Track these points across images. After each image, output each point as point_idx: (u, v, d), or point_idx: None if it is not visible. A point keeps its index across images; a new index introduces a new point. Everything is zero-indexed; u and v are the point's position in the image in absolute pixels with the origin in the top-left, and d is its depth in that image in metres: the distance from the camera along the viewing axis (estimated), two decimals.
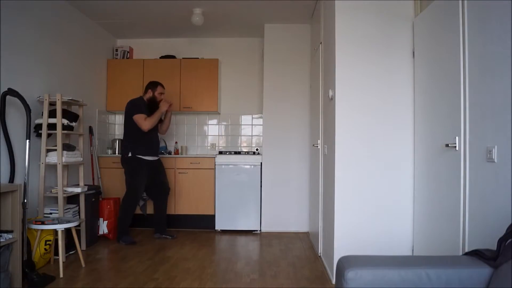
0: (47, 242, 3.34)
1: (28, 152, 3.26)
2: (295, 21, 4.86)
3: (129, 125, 4.26)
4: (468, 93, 2.21)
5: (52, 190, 3.65)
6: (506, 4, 1.83)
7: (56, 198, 3.62)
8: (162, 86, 4.46)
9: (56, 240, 3.40)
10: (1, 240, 2.62)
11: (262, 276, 3.23)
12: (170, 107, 4.41)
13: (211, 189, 4.91)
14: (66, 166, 3.75)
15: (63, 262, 3.20)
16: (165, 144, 5.35)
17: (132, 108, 4.23)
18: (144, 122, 4.15)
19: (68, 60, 4.28)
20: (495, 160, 1.92)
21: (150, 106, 4.31)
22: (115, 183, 4.89)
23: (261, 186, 4.88)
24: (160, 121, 4.48)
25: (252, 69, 5.52)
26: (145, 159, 4.27)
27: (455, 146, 2.32)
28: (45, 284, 2.92)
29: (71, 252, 3.72)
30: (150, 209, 4.84)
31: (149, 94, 4.37)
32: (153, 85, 4.41)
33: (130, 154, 4.22)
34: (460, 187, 2.26)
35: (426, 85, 2.85)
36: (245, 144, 5.59)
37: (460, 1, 2.29)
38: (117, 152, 5.18)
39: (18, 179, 3.33)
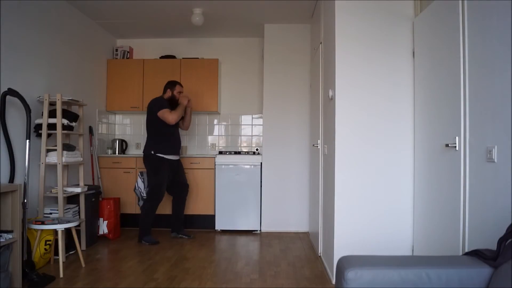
0: (47, 242, 3.34)
1: (28, 152, 3.26)
2: (295, 21, 4.86)
3: (153, 123, 4.30)
4: (468, 93, 2.21)
5: (52, 190, 3.65)
6: (506, 4, 1.83)
7: (56, 198, 3.63)
8: (180, 85, 4.51)
9: (56, 240, 3.41)
10: (1, 240, 2.62)
11: (262, 276, 3.23)
12: (189, 103, 4.47)
13: (211, 189, 4.90)
14: (66, 166, 3.75)
15: (63, 262, 3.20)
16: None
17: (156, 105, 4.28)
18: (170, 115, 4.21)
19: (68, 60, 4.28)
20: (495, 160, 1.92)
21: (171, 105, 4.34)
22: (115, 183, 4.90)
23: (261, 186, 4.88)
24: (181, 118, 4.53)
25: (252, 69, 5.52)
26: (167, 158, 4.31)
27: (455, 146, 2.32)
28: (45, 284, 2.92)
29: (71, 252, 3.72)
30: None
31: (168, 93, 4.43)
32: (171, 84, 4.46)
33: (152, 153, 4.25)
34: (460, 187, 2.26)
35: (426, 85, 2.85)
36: (245, 144, 5.59)
37: (460, 1, 2.29)
38: (117, 152, 5.19)
39: (18, 179, 3.33)
